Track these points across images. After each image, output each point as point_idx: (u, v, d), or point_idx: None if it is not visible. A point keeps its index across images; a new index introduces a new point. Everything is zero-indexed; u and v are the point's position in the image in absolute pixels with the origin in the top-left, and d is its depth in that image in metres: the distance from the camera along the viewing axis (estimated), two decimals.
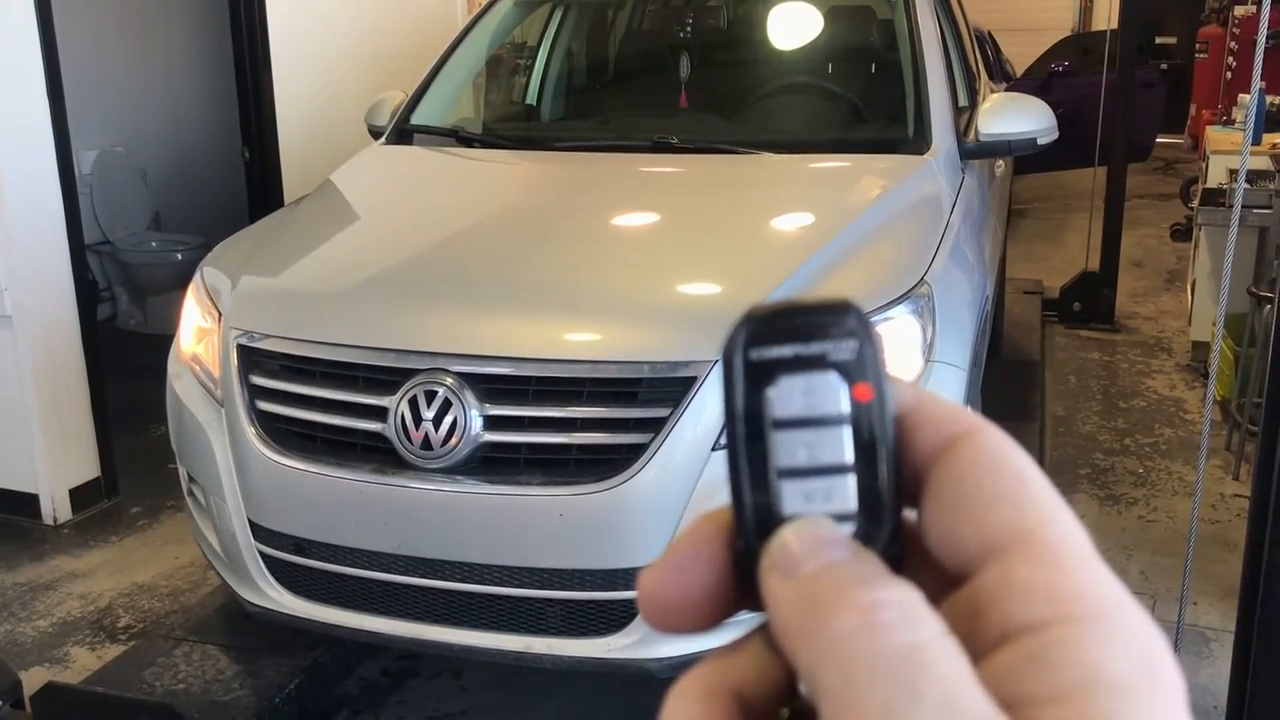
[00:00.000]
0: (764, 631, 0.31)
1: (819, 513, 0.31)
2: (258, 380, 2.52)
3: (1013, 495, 0.30)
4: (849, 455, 0.31)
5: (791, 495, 0.31)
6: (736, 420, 0.32)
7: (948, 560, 0.31)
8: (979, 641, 0.28)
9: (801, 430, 0.31)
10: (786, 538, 0.30)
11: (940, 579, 0.31)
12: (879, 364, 0.31)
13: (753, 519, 0.31)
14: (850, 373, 0.31)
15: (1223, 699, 2.32)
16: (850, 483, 0.31)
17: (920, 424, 0.32)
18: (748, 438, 0.31)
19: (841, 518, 0.31)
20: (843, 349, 0.31)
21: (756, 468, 0.31)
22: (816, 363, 0.31)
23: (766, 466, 0.31)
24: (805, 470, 0.31)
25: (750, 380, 0.31)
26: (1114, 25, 5.95)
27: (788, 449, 0.31)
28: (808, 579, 0.29)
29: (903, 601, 0.28)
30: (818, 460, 0.31)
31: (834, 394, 0.31)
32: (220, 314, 2.64)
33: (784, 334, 0.31)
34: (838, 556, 0.30)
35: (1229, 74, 9.58)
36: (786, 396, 0.31)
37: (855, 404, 0.31)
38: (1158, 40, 10.76)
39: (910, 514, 0.32)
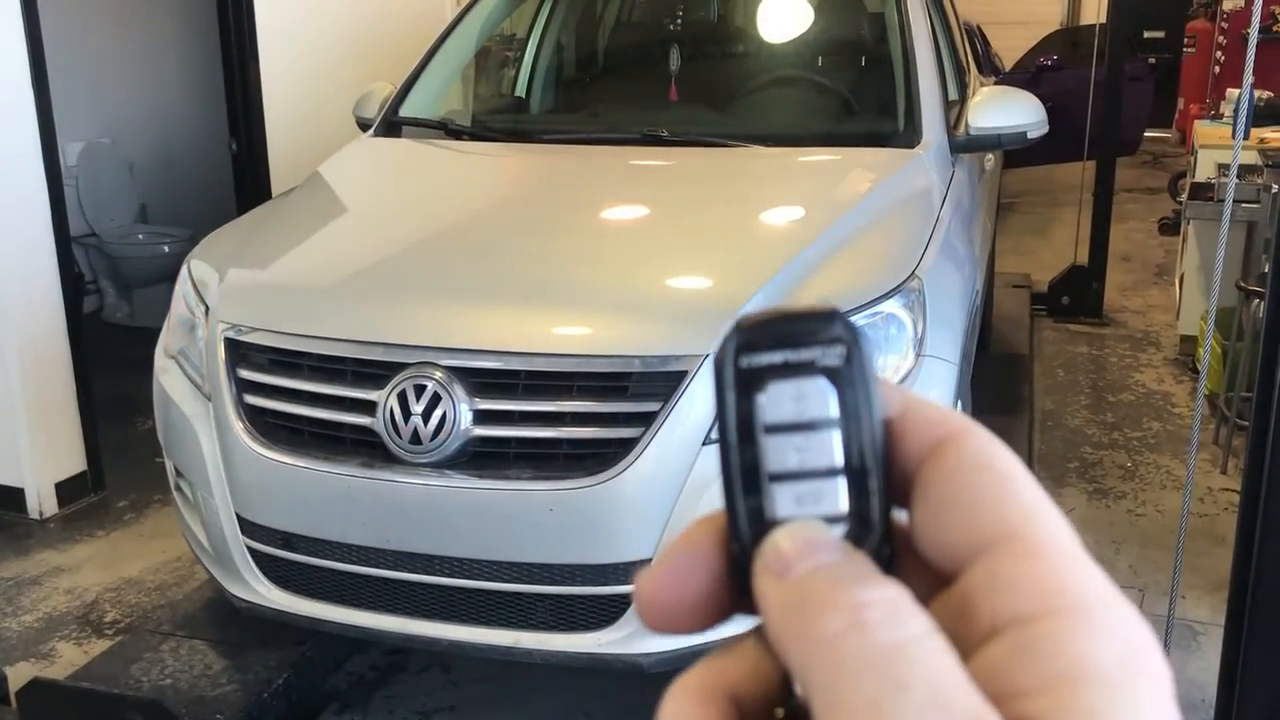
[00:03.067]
0: (759, 633, 0.31)
1: (810, 515, 0.31)
2: (245, 374, 2.51)
3: (998, 495, 0.31)
4: (839, 459, 0.32)
5: (783, 499, 0.32)
6: (729, 426, 0.32)
7: (938, 560, 0.31)
8: (968, 639, 0.29)
9: (792, 435, 0.32)
10: (779, 540, 0.31)
11: (932, 579, 0.31)
12: (867, 369, 0.32)
13: (746, 522, 0.32)
14: (839, 378, 0.32)
15: (1211, 692, 2.32)
16: (841, 485, 0.32)
17: (909, 427, 0.33)
18: (740, 443, 0.32)
19: (833, 520, 0.32)
20: (831, 355, 0.32)
21: (749, 472, 0.32)
22: (806, 369, 0.32)
23: (758, 471, 0.32)
24: (796, 474, 0.32)
25: (741, 387, 0.32)
26: (1103, 19, 5.97)
27: (779, 453, 0.32)
28: (798, 581, 0.30)
29: (889, 600, 0.29)
30: (808, 464, 0.32)
31: (823, 399, 0.32)
32: (208, 307, 2.63)
33: (774, 341, 0.32)
34: (828, 558, 0.30)
35: (1217, 68, 9.60)
36: (777, 402, 0.32)
37: (844, 408, 0.32)
38: (1146, 34, 10.79)
39: (901, 515, 0.32)
